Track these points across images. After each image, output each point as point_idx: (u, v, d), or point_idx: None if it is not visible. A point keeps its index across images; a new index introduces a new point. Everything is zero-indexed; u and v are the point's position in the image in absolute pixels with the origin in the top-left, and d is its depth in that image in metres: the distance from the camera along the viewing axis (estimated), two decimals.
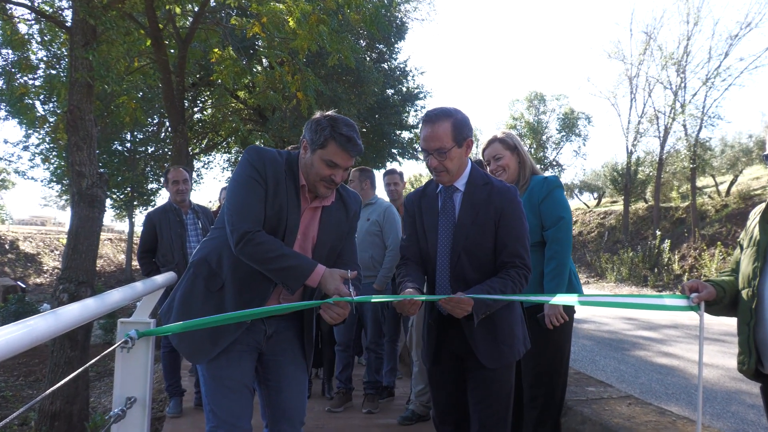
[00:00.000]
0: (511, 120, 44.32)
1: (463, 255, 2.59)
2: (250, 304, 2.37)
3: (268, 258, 2.27)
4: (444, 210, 2.68)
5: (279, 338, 2.57)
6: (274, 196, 2.37)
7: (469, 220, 2.60)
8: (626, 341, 9.24)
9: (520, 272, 2.54)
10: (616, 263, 22.32)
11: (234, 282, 2.39)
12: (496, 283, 2.49)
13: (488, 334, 2.60)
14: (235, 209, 2.32)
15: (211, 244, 2.49)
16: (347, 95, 16.74)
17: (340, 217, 2.61)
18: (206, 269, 2.43)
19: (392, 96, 20.99)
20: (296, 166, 2.47)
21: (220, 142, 21.45)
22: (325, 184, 2.43)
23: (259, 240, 2.27)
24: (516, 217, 2.59)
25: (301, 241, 2.50)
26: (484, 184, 2.65)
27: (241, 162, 2.42)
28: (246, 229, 2.27)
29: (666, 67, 25.13)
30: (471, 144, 2.65)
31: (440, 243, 2.65)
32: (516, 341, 2.66)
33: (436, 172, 2.62)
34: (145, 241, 5.13)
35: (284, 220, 2.39)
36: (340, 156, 2.38)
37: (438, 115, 2.55)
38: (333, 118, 2.41)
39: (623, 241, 25.03)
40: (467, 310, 2.40)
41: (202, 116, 20.31)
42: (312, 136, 2.40)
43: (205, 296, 2.40)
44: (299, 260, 2.31)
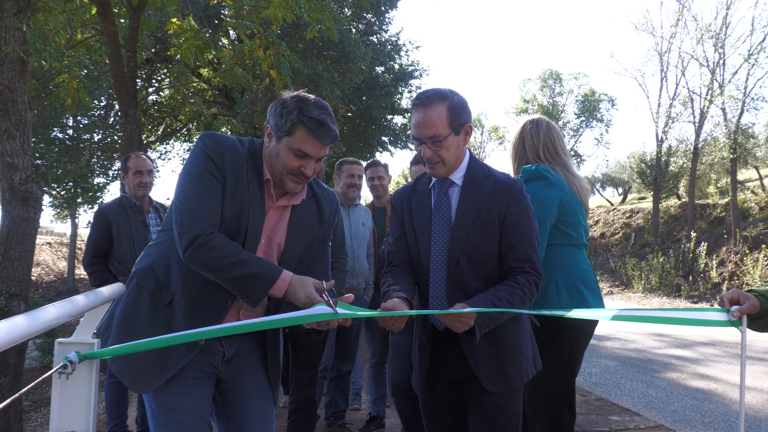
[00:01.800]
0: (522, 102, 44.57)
1: (463, 260, 2.59)
2: (204, 321, 2.34)
3: (224, 265, 2.24)
4: (438, 208, 2.68)
5: (240, 362, 2.55)
6: (234, 192, 2.35)
7: (468, 219, 2.60)
8: (656, 361, 9.29)
9: (530, 279, 2.55)
10: (645, 270, 22.45)
11: (185, 295, 2.36)
12: (502, 291, 2.49)
13: (491, 353, 2.61)
14: (186, 208, 2.29)
15: (157, 249, 2.46)
16: (329, 73, 16.71)
17: (312, 219, 2.60)
18: (152, 280, 2.40)
19: (382, 74, 21.00)
20: (260, 158, 2.45)
21: (179, 129, 21.37)
22: (294, 178, 2.42)
23: (212, 244, 2.24)
24: (524, 214, 2.61)
25: (265, 248, 2.48)
26: (485, 177, 2.66)
27: (193, 151, 2.39)
28: (197, 231, 2.24)
29: (702, 40, 25.30)
30: (470, 131, 2.66)
31: (434, 246, 2.66)
32: (523, 361, 2.67)
33: (430, 163, 2.63)
34: (96, 244, 4.95)
35: (245, 222, 2.36)
36: (311, 144, 2.36)
37: (431, 98, 2.55)
38: (301, 98, 2.39)
39: (652, 245, 25.17)
40: (469, 324, 2.40)
41: (157, 98, 20.22)
42: (277, 120, 2.37)
43: (150, 312, 2.37)
44: (261, 266, 2.28)
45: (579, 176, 3.53)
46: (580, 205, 3.46)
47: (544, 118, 3.63)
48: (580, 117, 42.67)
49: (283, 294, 2.29)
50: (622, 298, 21.31)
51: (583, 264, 3.44)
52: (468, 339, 2.58)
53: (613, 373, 8.37)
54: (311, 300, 2.25)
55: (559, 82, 43.69)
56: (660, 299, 19.91)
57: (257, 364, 2.59)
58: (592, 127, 42.74)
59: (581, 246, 3.49)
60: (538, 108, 43.07)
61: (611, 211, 31.92)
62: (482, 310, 2.38)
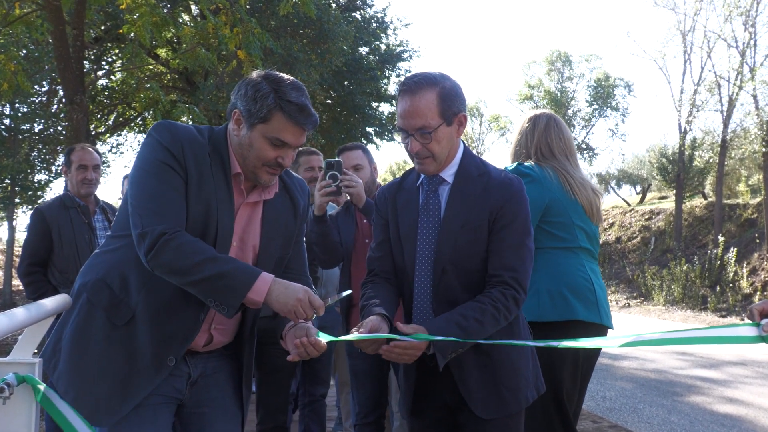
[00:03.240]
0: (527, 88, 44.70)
1: (450, 269, 2.60)
2: (172, 340, 2.35)
3: (192, 265, 2.21)
4: (426, 208, 2.69)
5: (206, 383, 2.55)
6: (198, 190, 2.34)
7: (457, 223, 2.61)
8: (678, 383, 9.35)
9: (507, 293, 2.53)
10: (666, 280, 22.55)
11: (149, 311, 2.35)
12: (470, 309, 2.48)
13: (484, 375, 2.61)
14: (146, 206, 2.28)
15: (108, 259, 2.44)
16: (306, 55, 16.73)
17: (286, 213, 2.61)
18: (106, 295, 2.38)
19: (366, 56, 21.07)
20: (225, 148, 2.45)
21: (132, 118, 21.30)
22: (270, 170, 2.42)
23: (179, 241, 2.23)
24: (518, 218, 2.61)
25: (238, 251, 2.48)
26: (480, 175, 2.67)
27: (146, 144, 2.38)
28: (162, 229, 2.23)
29: (730, 18, 25.50)
30: (464, 121, 2.67)
31: (419, 253, 2.66)
32: (522, 383, 2.67)
33: (419, 158, 2.63)
34: (33, 250, 4.90)
35: (213, 223, 2.36)
36: (290, 132, 2.37)
37: (419, 84, 2.55)
38: (276, 79, 2.38)
39: (675, 251, 25.31)
40: (415, 355, 2.40)
41: (108, 83, 20.16)
42: (249, 105, 2.37)
43: (107, 333, 2.35)
44: (235, 265, 2.27)
45: (579, 177, 3.58)
46: (574, 204, 3.49)
47: (545, 115, 3.69)
48: (592, 105, 42.88)
49: (263, 300, 2.27)
50: (641, 311, 21.40)
51: (573, 269, 3.45)
52: (458, 360, 2.58)
53: (629, 397, 8.41)
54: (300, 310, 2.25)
55: (569, 65, 43.88)
56: (683, 313, 20.00)
57: (225, 386, 2.59)
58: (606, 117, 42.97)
59: (576, 249, 3.50)
60: (545, 95, 43.23)
61: (628, 212, 32.07)
62: (436, 339, 2.36)
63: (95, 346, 2.34)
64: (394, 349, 2.37)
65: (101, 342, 2.34)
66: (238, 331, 2.64)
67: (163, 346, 2.35)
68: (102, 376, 2.33)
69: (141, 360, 2.34)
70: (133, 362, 2.34)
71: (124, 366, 2.33)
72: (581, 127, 43.05)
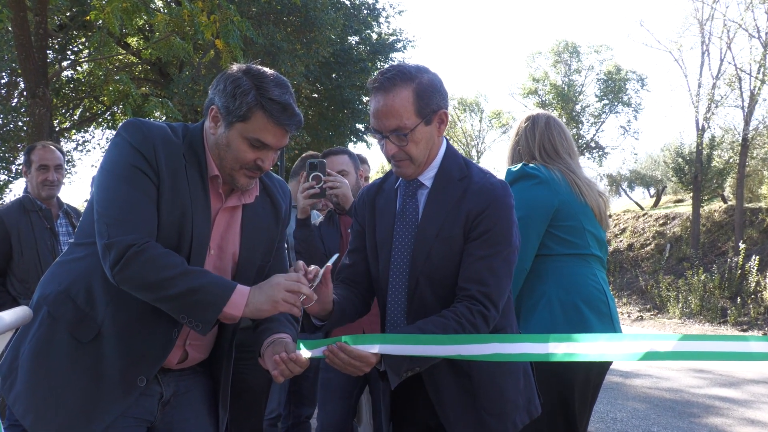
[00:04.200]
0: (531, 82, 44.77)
1: (423, 282, 2.60)
2: (144, 358, 2.34)
3: (162, 280, 2.21)
4: (402, 214, 2.69)
5: (179, 403, 2.55)
6: (173, 195, 2.34)
7: (432, 231, 2.60)
8: (695, 403, 9.36)
9: (474, 308, 2.49)
10: (682, 290, 22.57)
11: (117, 326, 2.34)
12: (431, 324, 2.44)
13: (464, 397, 2.59)
14: (113, 214, 2.27)
15: (72, 269, 2.43)
16: (290, 44, 16.73)
17: (267, 218, 2.62)
18: (69, 309, 2.37)
19: (356, 46, 21.09)
20: (201, 148, 2.45)
21: (100, 113, 21.24)
22: (248, 173, 2.43)
23: (148, 254, 2.22)
24: (497, 226, 2.57)
25: (216, 260, 2.49)
26: (461, 179, 2.65)
27: (115, 144, 2.37)
28: (130, 241, 2.22)
29: (752, 6, 25.60)
30: (445, 118, 2.66)
31: (394, 263, 2.66)
32: (509, 407, 2.63)
33: (396, 161, 2.62)
34: None
35: (188, 230, 2.36)
36: (271, 132, 2.37)
37: (392, 80, 2.53)
38: (258, 75, 2.39)
39: (692, 259, 25.36)
40: (363, 369, 2.35)
41: (74, 74, 20.09)
42: (227, 102, 2.37)
43: (71, 350, 2.34)
44: (210, 279, 2.27)
45: (588, 179, 3.59)
46: (584, 208, 3.49)
47: (544, 114, 3.73)
48: (602, 100, 42.99)
49: (241, 315, 2.28)
50: (655, 325, 21.44)
51: (587, 278, 3.45)
52: (433, 380, 2.57)
53: (642, 419, 8.42)
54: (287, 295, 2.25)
55: (577, 56, 44.00)
56: (701, 326, 20.04)
57: (199, 406, 2.59)
58: (618, 113, 43.10)
59: (588, 257, 3.51)
60: (550, 89, 43.34)
61: (641, 216, 32.11)
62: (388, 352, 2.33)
63: (57, 364, 2.33)
64: (339, 354, 2.32)
65: (64, 360, 2.33)
66: (214, 347, 2.65)
67: (133, 364, 2.34)
68: (65, 398, 2.31)
69: (108, 380, 2.33)
70: (100, 383, 2.33)
71: (90, 387, 2.32)
72: (590, 123, 43.21)
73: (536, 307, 3.31)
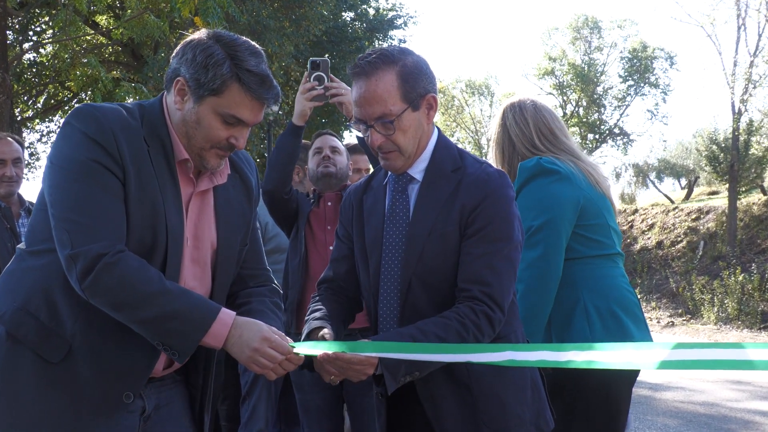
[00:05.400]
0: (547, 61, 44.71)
1: (416, 285, 2.62)
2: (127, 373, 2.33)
3: (137, 300, 2.20)
4: (393, 212, 2.71)
5: (159, 418, 2.54)
6: (139, 188, 2.31)
7: (423, 229, 2.62)
8: (733, 419, 9.37)
9: (477, 309, 2.50)
10: (718, 292, 22.55)
11: (89, 341, 2.31)
12: (431, 325, 2.46)
13: (463, 411, 2.60)
14: (74, 218, 2.22)
15: (28, 281, 2.37)
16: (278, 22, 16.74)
17: (240, 197, 2.64)
18: (32, 327, 2.31)
19: (352, 23, 21.10)
20: (164, 128, 2.42)
21: (67, 100, 21.23)
22: (220, 152, 2.42)
23: (121, 267, 2.19)
24: (496, 219, 2.58)
25: (194, 251, 2.49)
26: (455, 170, 2.67)
27: (66, 136, 2.31)
28: (99, 249, 2.18)
29: None
30: (435, 103, 2.68)
31: (385, 264, 2.68)
32: (513, 421, 2.63)
33: (382, 152, 2.63)
34: None
35: (162, 223, 2.34)
36: (248, 107, 2.37)
37: (374, 63, 2.56)
38: (231, 43, 2.37)
39: (728, 257, 25.34)
40: (366, 372, 2.38)
41: (37, 58, 20.07)
42: (198, 73, 2.33)
43: (40, 373, 2.29)
44: (189, 301, 2.27)
45: (593, 163, 3.59)
46: (604, 201, 3.50)
47: (527, 98, 3.67)
48: (626, 81, 42.97)
49: (222, 344, 2.28)
50: (687, 331, 21.39)
51: (617, 281, 3.46)
52: (429, 393, 2.58)
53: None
54: (262, 360, 2.27)
55: (598, 32, 43.98)
56: (738, 333, 20.00)
57: (181, 420, 2.59)
58: (644, 95, 43.11)
59: (615, 256, 3.51)
60: (569, 68, 43.29)
61: (671, 210, 32.09)
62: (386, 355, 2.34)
63: (26, 392, 2.29)
64: (335, 362, 2.34)
65: (33, 386, 2.29)
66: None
67: (117, 380, 2.32)
68: (41, 429, 2.29)
69: (88, 401, 2.30)
70: (79, 405, 2.30)
71: (68, 412, 2.29)
72: (613, 107, 43.25)
73: (572, 317, 3.30)
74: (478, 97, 53.56)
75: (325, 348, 2.38)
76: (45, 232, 2.31)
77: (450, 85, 50.65)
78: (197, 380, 2.62)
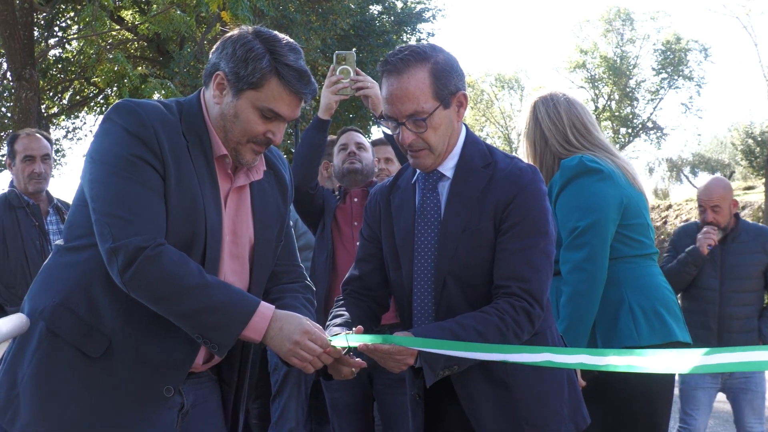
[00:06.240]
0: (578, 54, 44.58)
1: (451, 283, 2.63)
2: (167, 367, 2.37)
3: (177, 293, 2.23)
4: (423, 210, 2.72)
5: (195, 415, 2.57)
6: (178, 183, 2.34)
7: (457, 226, 2.63)
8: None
9: (516, 304, 2.53)
10: None
11: (129, 335, 2.34)
12: (471, 320, 2.49)
13: (500, 409, 2.62)
14: (115, 213, 2.25)
15: (67, 277, 2.41)
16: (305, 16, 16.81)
17: (275, 194, 2.68)
18: (72, 322, 2.35)
19: (379, 16, 21.11)
20: (202, 124, 2.46)
21: (92, 96, 21.42)
22: (256, 147, 2.46)
23: (162, 260, 2.22)
24: (530, 214, 2.61)
25: (232, 247, 2.52)
26: (485, 166, 2.68)
27: (107, 131, 2.37)
28: (140, 242, 2.20)
29: None
30: (465, 101, 2.71)
31: (417, 263, 2.69)
32: (552, 417, 2.67)
33: (413, 150, 2.64)
34: None
35: (201, 219, 2.37)
36: (286, 101, 2.41)
37: (406, 60, 2.58)
38: (271, 39, 2.42)
39: None
40: (406, 362, 2.41)
41: (62, 53, 20.21)
42: (237, 67, 2.37)
43: (80, 369, 2.33)
44: (229, 295, 2.30)
45: (626, 159, 3.57)
46: (642, 198, 3.49)
47: (559, 91, 3.65)
48: (659, 73, 42.76)
49: (262, 338, 2.31)
50: None
51: (658, 280, 3.47)
52: (467, 391, 2.60)
53: None
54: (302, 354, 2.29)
55: (630, 24, 43.81)
56: None
57: (215, 418, 2.63)
58: (678, 88, 42.89)
59: (654, 255, 3.51)
60: (600, 61, 43.14)
61: None
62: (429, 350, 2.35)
63: (66, 387, 2.32)
64: (374, 352, 2.38)
65: (73, 382, 2.32)
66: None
67: (157, 374, 2.36)
68: (81, 424, 2.31)
69: (128, 396, 2.35)
70: (119, 400, 2.34)
71: (107, 407, 2.33)
72: (646, 101, 43.10)
73: (617, 317, 3.30)
74: (507, 91, 53.55)
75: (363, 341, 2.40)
76: (84, 227, 2.36)
77: (479, 79, 50.86)
78: (232, 378, 2.66)
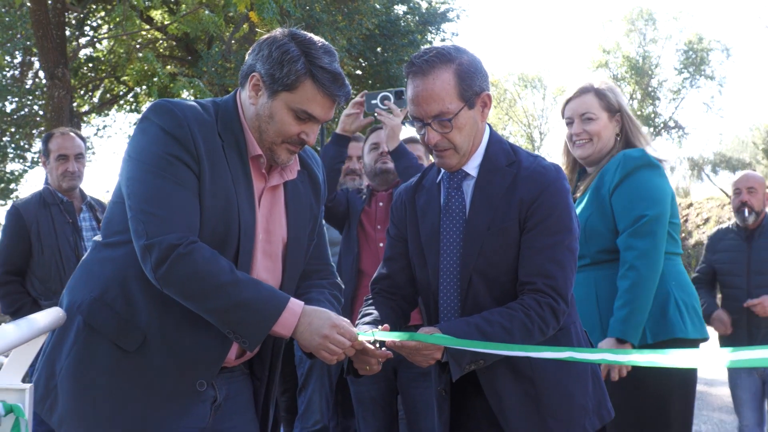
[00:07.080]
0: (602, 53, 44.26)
1: (477, 280, 2.64)
2: (200, 361, 2.39)
3: (209, 290, 2.25)
4: (448, 208, 2.73)
5: (227, 408, 2.59)
6: (212, 182, 2.37)
7: (482, 224, 2.63)
8: None
9: (542, 301, 2.55)
10: None
11: (164, 330, 2.37)
12: (497, 315, 2.50)
13: (526, 403, 2.62)
14: (150, 210, 2.28)
15: (103, 272, 2.45)
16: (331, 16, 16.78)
17: (308, 193, 2.68)
18: (109, 316, 2.39)
19: (404, 16, 21.00)
20: (238, 124, 2.48)
21: (122, 94, 21.42)
22: (290, 147, 2.47)
23: (194, 257, 2.24)
24: (552, 213, 2.60)
25: (266, 245, 2.54)
26: (509, 165, 2.69)
27: (144, 130, 2.39)
28: (173, 240, 2.23)
29: None
30: (489, 101, 2.71)
31: (443, 261, 2.69)
32: (577, 411, 2.67)
33: (438, 150, 2.65)
34: (9, 256, 4.93)
35: (235, 218, 2.39)
36: (320, 103, 2.42)
37: (431, 61, 2.58)
38: (306, 41, 2.42)
39: None
40: (434, 356, 2.43)
41: (93, 53, 20.28)
42: (273, 69, 2.39)
43: (116, 362, 2.36)
44: (259, 291, 2.31)
45: None
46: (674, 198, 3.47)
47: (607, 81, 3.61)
48: (681, 73, 42.34)
49: (291, 333, 2.32)
50: None
51: (688, 278, 3.49)
52: (493, 387, 2.61)
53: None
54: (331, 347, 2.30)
55: (653, 24, 43.39)
56: None
57: (247, 412, 2.64)
58: (699, 88, 42.48)
59: (680, 254, 3.52)
60: (623, 61, 42.81)
61: (726, 205, 31.48)
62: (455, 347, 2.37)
63: (102, 379, 2.35)
64: (401, 349, 2.40)
65: (109, 374, 2.35)
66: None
67: (190, 368, 2.38)
68: (116, 416, 2.34)
69: (163, 389, 2.37)
70: (153, 394, 2.37)
71: (142, 399, 2.35)
72: (668, 100, 42.64)
73: (666, 310, 3.31)
74: (530, 90, 53.08)
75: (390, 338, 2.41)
76: (121, 224, 2.39)
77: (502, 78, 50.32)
78: (263, 373, 2.66)
